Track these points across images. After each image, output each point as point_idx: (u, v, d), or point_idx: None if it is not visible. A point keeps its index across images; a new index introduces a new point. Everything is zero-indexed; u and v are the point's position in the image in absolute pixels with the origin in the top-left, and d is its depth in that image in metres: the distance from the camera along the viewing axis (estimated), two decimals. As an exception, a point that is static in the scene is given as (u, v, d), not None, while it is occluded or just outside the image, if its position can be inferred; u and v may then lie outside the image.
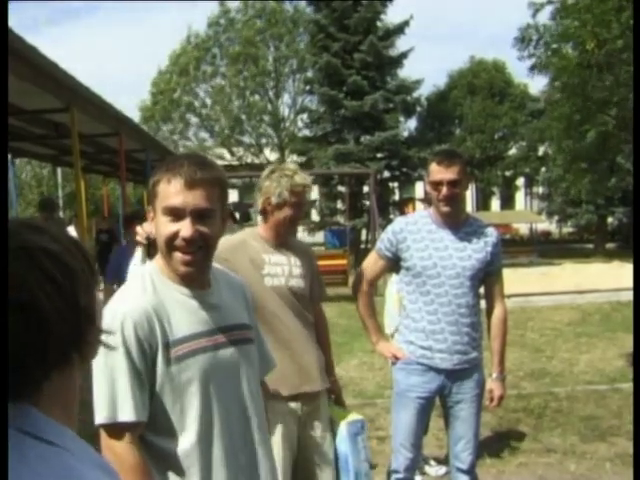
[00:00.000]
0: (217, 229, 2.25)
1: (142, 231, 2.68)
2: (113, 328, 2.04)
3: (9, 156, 18.14)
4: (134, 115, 36.11)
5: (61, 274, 1.11)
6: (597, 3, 14.82)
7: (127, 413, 2.09)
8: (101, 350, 1.27)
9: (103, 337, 1.25)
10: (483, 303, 4.23)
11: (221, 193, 2.25)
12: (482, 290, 4.21)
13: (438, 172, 3.99)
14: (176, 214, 2.16)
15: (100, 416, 2.10)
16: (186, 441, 2.17)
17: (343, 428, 3.75)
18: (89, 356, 1.24)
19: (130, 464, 2.06)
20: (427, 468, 5.76)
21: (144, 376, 2.12)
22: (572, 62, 17.38)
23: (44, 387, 1.11)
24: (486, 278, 4.14)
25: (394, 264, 4.25)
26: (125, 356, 2.10)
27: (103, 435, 2.11)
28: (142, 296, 2.16)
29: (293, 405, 3.69)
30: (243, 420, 2.34)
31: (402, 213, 7.83)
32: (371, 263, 4.36)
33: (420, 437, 4.29)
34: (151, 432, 2.16)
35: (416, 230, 4.14)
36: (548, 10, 20.19)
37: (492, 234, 4.17)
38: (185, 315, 2.20)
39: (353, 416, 3.89)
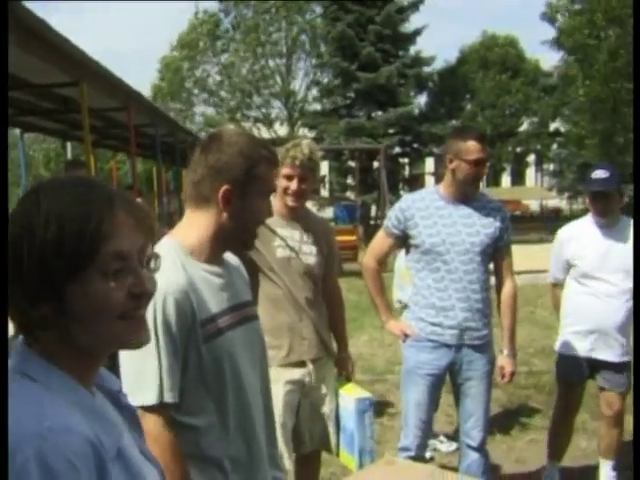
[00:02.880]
0: None
1: None
2: (152, 306, 1.97)
3: (18, 131, 18.16)
4: (144, 89, 36.14)
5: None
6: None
7: (173, 394, 2.07)
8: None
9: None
10: (493, 280, 4.20)
11: None
12: (491, 266, 4.19)
13: (473, 149, 3.96)
14: None
15: (143, 397, 2.04)
16: (217, 416, 2.16)
17: (351, 404, 3.76)
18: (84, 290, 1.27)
19: (169, 446, 2.04)
20: (437, 444, 5.74)
21: (180, 355, 2.10)
22: (583, 38, 17.36)
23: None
24: (495, 254, 4.12)
25: (402, 241, 4.23)
26: (170, 334, 2.06)
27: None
28: (177, 273, 2.12)
29: (298, 372, 3.74)
30: (262, 394, 2.39)
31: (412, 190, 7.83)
32: (379, 241, 4.34)
33: (430, 414, 4.27)
34: (175, 410, 2.13)
35: (424, 207, 4.11)
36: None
37: (501, 209, 4.15)
38: (211, 293, 2.18)
39: (362, 393, 3.89)
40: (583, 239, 4.75)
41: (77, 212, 1.23)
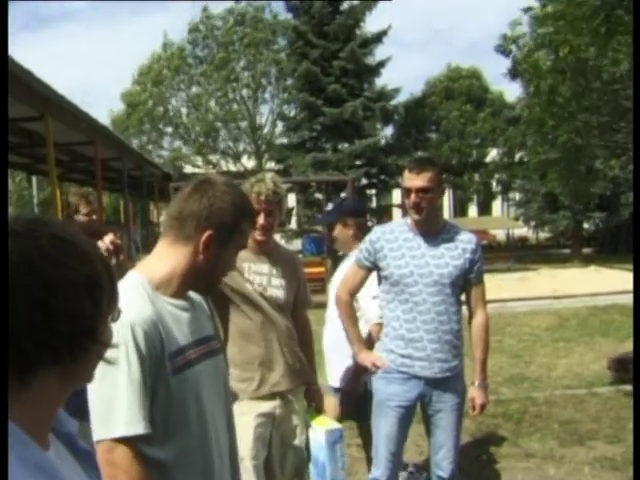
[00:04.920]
0: None
1: (103, 244, 2.88)
2: (122, 337, 1.98)
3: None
4: (105, 125, 36.07)
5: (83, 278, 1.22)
6: (570, 9, 14.96)
7: (142, 426, 2.04)
8: (114, 361, 1.39)
9: (105, 352, 1.33)
10: (465, 310, 4.22)
11: None
12: (464, 297, 4.21)
13: (408, 179, 4.00)
14: None
15: (112, 430, 2.03)
16: (180, 449, 2.15)
17: (322, 436, 3.76)
18: (83, 366, 1.28)
19: (139, 478, 2.02)
20: (404, 474, 5.72)
21: (149, 386, 2.08)
22: (546, 68, 17.56)
23: (30, 382, 1.19)
24: (467, 285, 4.11)
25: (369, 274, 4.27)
26: (139, 365, 2.05)
27: (105, 449, 2.01)
28: (145, 305, 2.12)
29: (268, 404, 3.73)
30: (226, 426, 2.40)
31: (380, 221, 7.89)
32: (352, 274, 4.34)
33: (401, 446, 4.26)
34: (144, 442, 2.09)
35: (393, 239, 4.13)
36: (525, 21, 20.43)
37: (471, 240, 4.12)
38: (177, 326, 2.19)
39: (332, 424, 3.89)
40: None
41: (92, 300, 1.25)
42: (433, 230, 4.09)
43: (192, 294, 2.42)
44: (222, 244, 2.25)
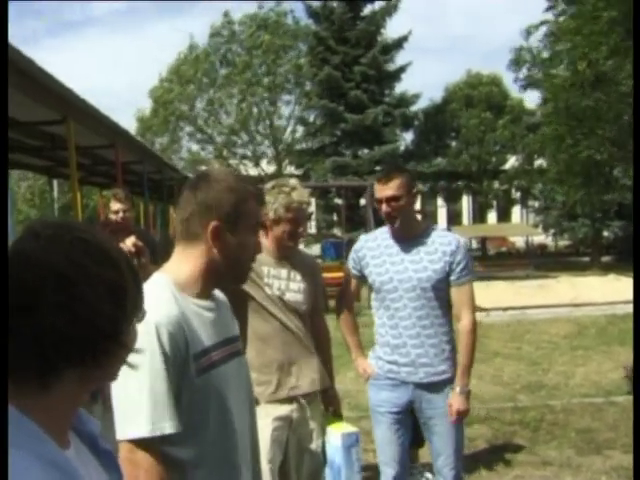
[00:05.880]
0: None
1: (125, 246, 2.88)
2: (147, 337, 1.98)
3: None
4: (132, 125, 36.25)
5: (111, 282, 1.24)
6: (587, 25, 14.92)
7: (169, 425, 2.04)
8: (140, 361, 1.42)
9: (128, 354, 1.34)
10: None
11: None
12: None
13: (378, 190, 4.03)
14: None
15: (135, 430, 2.03)
16: (203, 450, 2.15)
17: (338, 439, 3.77)
18: (106, 369, 1.30)
19: (159, 479, 2.02)
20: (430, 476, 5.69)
21: (173, 387, 2.08)
22: (565, 84, 17.49)
23: (52, 385, 1.21)
24: (451, 288, 4.04)
25: (364, 281, 4.31)
26: (164, 365, 2.04)
27: (127, 448, 2.01)
28: (169, 306, 2.12)
29: (285, 408, 3.75)
30: (249, 428, 2.39)
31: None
32: (347, 282, 4.41)
33: (402, 452, 4.24)
34: (166, 442, 2.09)
35: (375, 246, 4.17)
36: (541, 31, 20.37)
37: (450, 243, 4.02)
38: (202, 327, 2.18)
39: (348, 428, 3.90)
40: None
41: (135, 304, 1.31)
42: (411, 235, 4.07)
43: (218, 294, 2.42)
44: (232, 231, 2.23)
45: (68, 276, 1.19)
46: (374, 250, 4.16)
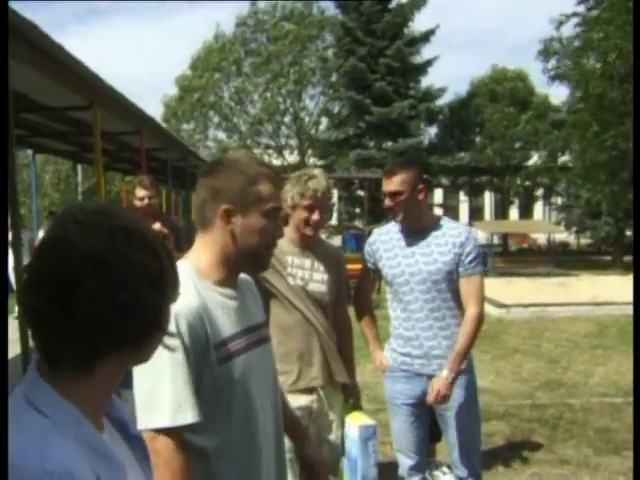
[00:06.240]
0: None
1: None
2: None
3: (30, 152, 18.28)
4: (156, 112, 36.29)
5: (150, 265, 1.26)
6: (619, 15, 14.80)
7: (190, 415, 2.05)
8: (158, 350, 1.38)
9: (164, 338, 1.36)
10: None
11: None
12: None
13: (383, 184, 4.07)
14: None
15: (156, 419, 2.03)
16: (225, 439, 2.14)
17: (355, 432, 3.78)
18: (144, 352, 1.33)
19: (179, 469, 2.02)
20: (440, 475, 5.70)
21: (193, 376, 2.08)
22: (595, 73, 17.36)
23: (94, 370, 1.25)
24: (460, 280, 4.01)
25: (379, 274, 4.33)
26: (184, 355, 2.04)
27: (148, 437, 1.92)
28: (190, 295, 2.10)
29: (305, 398, 3.76)
30: (274, 416, 2.38)
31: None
32: (363, 274, 4.46)
33: (419, 444, 4.28)
34: (188, 432, 2.09)
35: (388, 239, 4.21)
36: (571, 22, 20.19)
37: (460, 234, 4.01)
38: (224, 316, 2.18)
39: (366, 420, 3.91)
40: None
41: (169, 283, 1.32)
42: (422, 228, 4.08)
43: (245, 280, 2.42)
44: (243, 213, 2.20)
45: (108, 262, 1.19)
46: (387, 243, 4.19)
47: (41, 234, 10.02)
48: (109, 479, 1.23)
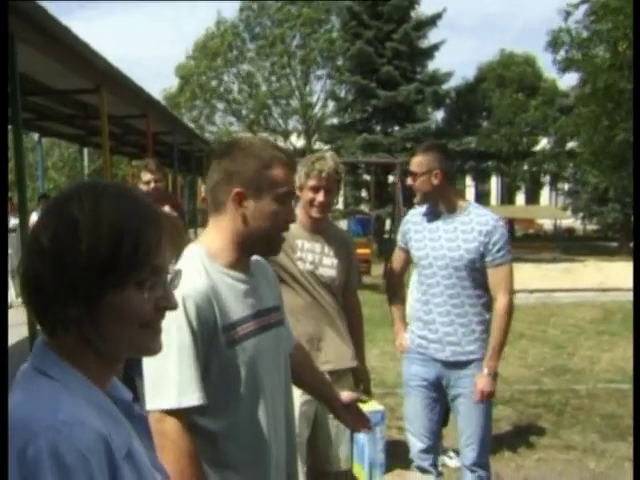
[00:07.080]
0: None
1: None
2: (175, 311, 1.99)
3: (36, 135, 18.30)
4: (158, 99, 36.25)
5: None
6: (629, 4, 14.70)
7: (196, 397, 2.06)
8: (165, 332, 1.41)
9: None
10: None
11: None
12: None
13: (411, 164, 4.10)
14: None
15: (163, 401, 2.05)
16: (233, 422, 2.15)
17: (363, 417, 3.77)
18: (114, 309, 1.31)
19: (186, 450, 2.03)
20: (447, 460, 5.73)
21: (201, 359, 2.09)
22: (604, 63, 17.25)
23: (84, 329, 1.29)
24: (488, 270, 3.99)
25: (410, 255, 4.33)
26: (191, 337, 2.05)
27: (156, 418, 2.00)
28: (199, 278, 2.11)
29: None
30: (284, 399, 2.39)
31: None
32: (395, 255, 4.46)
33: (431, 427, 4.29)
34: (196, 413, 2.11)
35: (418, 221, 4.21)
36: (580, 12, 20.04)
37: (487, 222, 3.97)
38: (234, 299, 2.18)
39: (374, 406, 3.90)
40: None
41: (136, 225, 1.30)
42: (446, 212, 4.08)
43: (259, 266, 2.41)
44: (256, 197, 2.19)
45: (79, 221, 1.25)
46: (417, 225, 4.19)
47: (34, 217, 9.99)
48: (118, 438, 1.26)
